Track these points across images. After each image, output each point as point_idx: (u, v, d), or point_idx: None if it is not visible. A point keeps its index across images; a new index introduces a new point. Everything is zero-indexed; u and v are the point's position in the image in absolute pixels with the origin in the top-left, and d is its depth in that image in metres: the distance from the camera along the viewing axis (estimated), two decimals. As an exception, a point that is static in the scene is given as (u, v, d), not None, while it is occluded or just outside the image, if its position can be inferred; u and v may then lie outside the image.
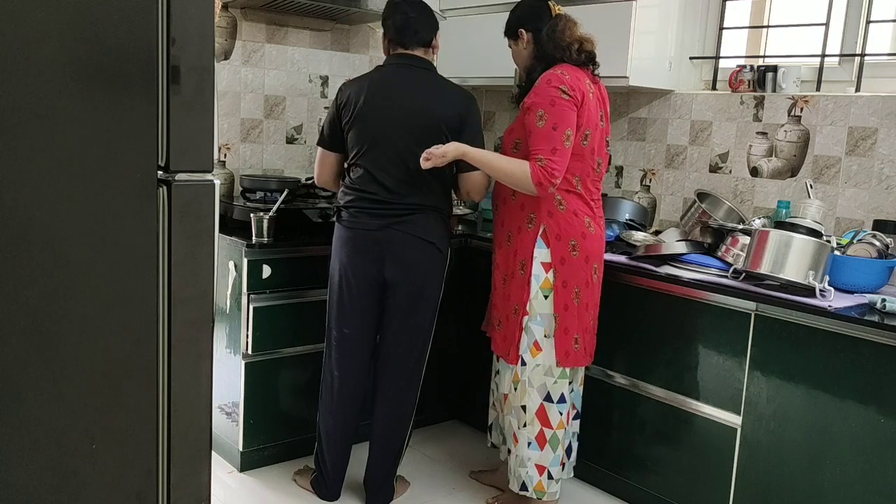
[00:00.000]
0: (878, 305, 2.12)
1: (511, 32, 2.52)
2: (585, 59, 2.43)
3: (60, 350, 1.20)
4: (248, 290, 2.67)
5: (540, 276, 2.43)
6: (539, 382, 2.46)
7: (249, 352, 2.71)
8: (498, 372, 2.62)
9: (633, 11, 2.87)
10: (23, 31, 1.10)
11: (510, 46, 2.55)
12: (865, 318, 2.07)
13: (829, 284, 2.22)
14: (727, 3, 3.15)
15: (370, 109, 2.43)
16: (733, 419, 2.37)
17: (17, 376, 1.17)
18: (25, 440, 1.19)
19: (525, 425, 2.49)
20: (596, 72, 2.46)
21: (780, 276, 2.26)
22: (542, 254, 2.42)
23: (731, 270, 2.44)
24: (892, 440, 2.05)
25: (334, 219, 2.57)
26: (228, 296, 2.75)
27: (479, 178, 2.50)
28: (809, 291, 2.22)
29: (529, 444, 2.49)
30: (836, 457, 2.15)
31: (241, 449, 2.78)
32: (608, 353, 2.71)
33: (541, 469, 2.50)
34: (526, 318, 2.45)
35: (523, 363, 2.46)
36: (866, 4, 2.74)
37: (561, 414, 2.48)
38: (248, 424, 2.76)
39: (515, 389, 2.49)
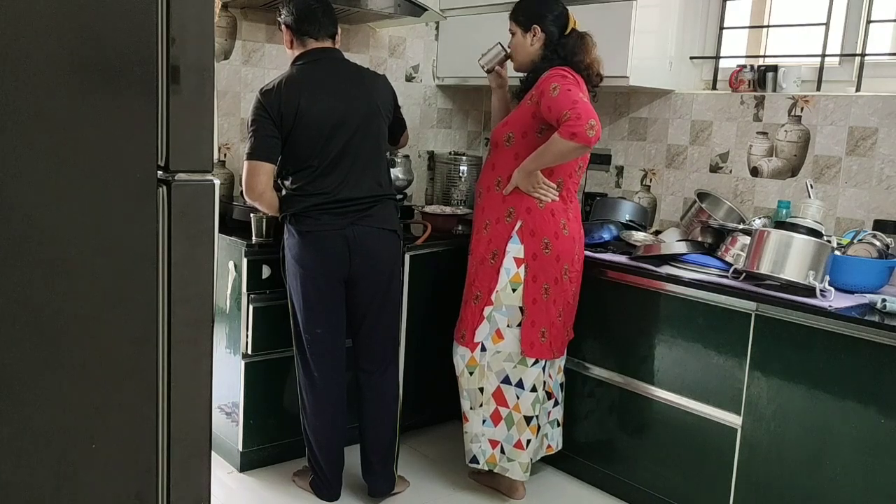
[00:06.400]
0: (879, 305, 2.12)
1: (524, 24, 2.54)
2: (595, 82, 2.54)
3: (60, 350, 1.20)
4: (247, 290, 2.67)
5: (511, 270, 2.51)
6: (498, 367, 2.57)
7: (249, 352, 2.71)
8: None
9: (633, 11, 2.88)
10: (22, 31, 1.10)
11: (512, 32, 2.58)
12: (865, 318, 2.07)
13: (830, 284, 2.22)
14: (727, 3, 3.15)
15: (313, 110, 2.40)
16: (733, 419, 2.37)
17: (17, 376, 1.17)
18: (25, 440, 1.19)
19: (481, 405, 2.61)
20: (595, 96, 2.54)
21: (781, 276, 2.26)
22: (515, 249, 2.50)
23: (731, 270, 2.44)
24: (892, 440, 2.05)
25: (287, 225, 2.49)
26: (228, 296, 2.75)
27: (406, 135, 2.82)
28: (810, 291, 2.22)
29: (484, 421, 2.61)
30: (836, 457, 2.15)
31: (240, 449, 2.78)
32: (609, 353, 2.71)
33: (494, 443, 2.62)
34: (490, 308, 2.54)
35: (483, 349, 2.57)
36: (866, 4, 2.74)
37: (518, 397, 2.57)
38: (247, 424, 2.76)
39: (471, 374, 2.60)
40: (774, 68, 2.87)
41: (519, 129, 2.50)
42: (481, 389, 2.60)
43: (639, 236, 2.89)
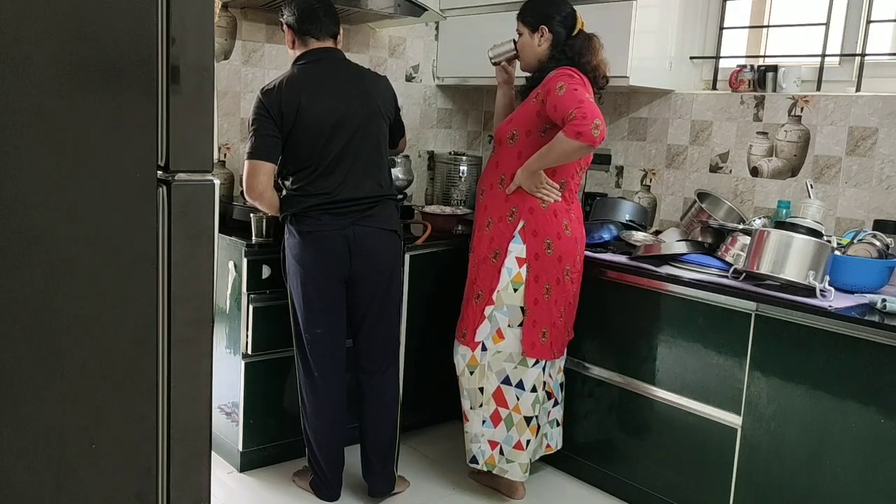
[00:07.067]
0: (879, 305, 2.12)
1: (532, 24, 2.54)
2: (601, 84, 2.54)
3: (60, 350, 1.20)
4: (247, 290, 2.67)
5: (512, 270, 2.51)
6: (498, 367, 2.57)
7: (249, 352, 2.71)
8: None
9: (633, 11, 2.88)
10: (23, 31, 1.10)
11: (519, 32, 2.58)
12: (865, 318, 2.07)
13: (830, 284, 2.22)
14: (727, 3, 3.15)
15: (314, 110, 2.40)
16: (733, 419, 2.37)
17: (17, 376, 1.17)
18: (25, 440, 1.19)
19: (481, 405, 2.60)
20: (600, 98, 2.54)
21: (781, 276, 2.26)
22: (517, 249, 2.50)
23: (731, 270, 2.44)
24: (892, 440, 2.05)
25: (288, 225, 2.50)
26: (228, 296, 2.75)
27: (404, 140, 2.82)
28: (810, 291, 2.22)
29: (484, 422, 2.61)
30: (836, 457, 2.15)
31: (240, 449, 2.78)
32: (609, 353, 2.71)
33: (493, 444, 2.62)
34: (491, 307, 2.54)
35: (484, 348, 2.57)
36: (866, 4, 2.74)
37: (518, 398, 2.56)
38: (247, 424, 2.76)
39: (472, 373, 2.59)
40: (774, 68, 2.87)
41: (523, 126, 2.50)
42: (481, 389, 2.60)
43: (639, 236, 2.89)
